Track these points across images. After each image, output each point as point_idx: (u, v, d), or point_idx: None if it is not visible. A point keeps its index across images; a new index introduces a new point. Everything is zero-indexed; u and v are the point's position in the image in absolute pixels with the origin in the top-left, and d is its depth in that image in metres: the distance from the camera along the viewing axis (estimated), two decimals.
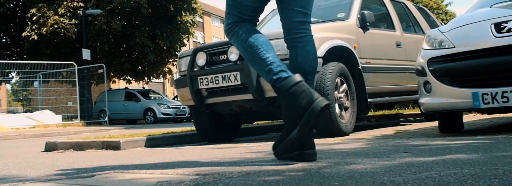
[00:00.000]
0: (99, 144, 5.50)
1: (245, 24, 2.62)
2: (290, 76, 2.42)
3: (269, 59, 2.48)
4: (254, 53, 2.54)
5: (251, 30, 2.60)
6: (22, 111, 27.34)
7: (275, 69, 2.45)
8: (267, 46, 2.54)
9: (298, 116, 2.37)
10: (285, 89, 2.41)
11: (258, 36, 2.57)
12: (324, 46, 5.09)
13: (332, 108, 4.89)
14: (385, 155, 2.40)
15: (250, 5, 2.62)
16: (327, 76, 4.93)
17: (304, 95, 2.35)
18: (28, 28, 20.31)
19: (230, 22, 2.65)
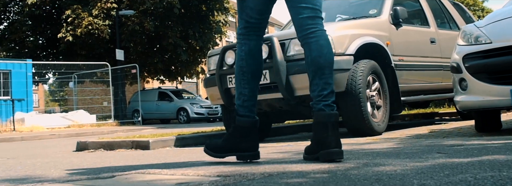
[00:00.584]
0: (128, 144, 5.49)
1: (252, 42, 2.74)
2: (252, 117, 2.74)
3: (245, 91, 2.76)
4: (239, 76, 2.77)
5: (252, 54, 2.74)
6: (59, 111, 27.84)
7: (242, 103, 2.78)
8: (253, 76, 2.74)
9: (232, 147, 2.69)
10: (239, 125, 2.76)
11: (252, 64, 2.73)
12: (355, 43, 4.96)
13: (363, 107, 4.76)
14: (417, 156, 2.28)
15: (255, 8, 2.70)
16: (358, 74, 4.80)
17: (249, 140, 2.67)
18: (63, 29, 20.62)
19: (241, 28, 2.78)
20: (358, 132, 4.88)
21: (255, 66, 2.74)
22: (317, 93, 2.57)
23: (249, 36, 2.75)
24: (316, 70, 2.58)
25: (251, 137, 2.67)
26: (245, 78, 2.73)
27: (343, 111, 4.86)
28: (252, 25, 2.75)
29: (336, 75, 4.67)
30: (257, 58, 2.75)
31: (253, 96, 2.76)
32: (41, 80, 24.62)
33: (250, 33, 2.76)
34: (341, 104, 4.84)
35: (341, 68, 4.72)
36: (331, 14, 6.88)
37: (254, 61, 2.74)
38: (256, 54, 2.75)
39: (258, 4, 2.70)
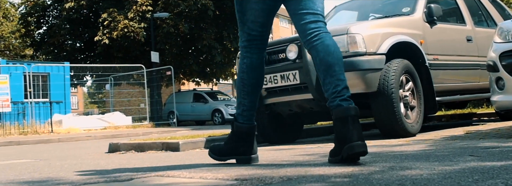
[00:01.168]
0: (159, 146, 5.48)
1: (253, 55, 2.84)
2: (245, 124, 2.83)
3: (244, 102, 2.84)
4: (239, 88, 2.87)
5: (253, 67, 2.84)
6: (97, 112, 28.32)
7: (241, 112, 2.84)
8: (253, 88, 2.84)
9: (231, 152, 2.83)
10: (236, 130, 2.84)
11: (252, 77, 2.83)
12: (387, 42, 4.82)
13: (396, 107, 4.62)
14: (447, 159, 2.17)
15: (256, 21, 2.78)
16: (390, 74, 4.67)
17: (246, 144, 2.77)
18: (99, 32, 20.95)
19: (243, 41, 2.87)
20: (390, 133, 4.75)
21: (255, 80, 2.84)
22: (332, 91, 2.55)
23: (251, 49, 2.84)
24: (326, 69, 2.57)
25: (249, 142, 2.80)
26: (246, 90, 2.83)
27: (375, 111, 4.73)
28: (254, 38, 2.82)
29: (367, 75, 4.56)
30: (258, 71, 2.85)
31: (252, 106, 2.86)
32: (79, 82, 25.08)
33: (252, 46, 2.84)
34: (373, 104, 4.73)
35: (373, 68, 4.60)
36: (364, 13, 6.76)
37: (255, 74, 2.84)
38: (258, 68, 2.85)
39: (259, 16, 2.76)
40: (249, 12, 2.78)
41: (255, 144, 2.85)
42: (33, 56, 26.83)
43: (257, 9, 2.76)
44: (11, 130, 13.62)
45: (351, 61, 4.56)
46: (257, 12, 2.76)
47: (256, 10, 2.76)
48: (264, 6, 2.76)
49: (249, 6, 2.77)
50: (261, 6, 2.75)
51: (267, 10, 2.78)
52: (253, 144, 2.82)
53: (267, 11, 2.79)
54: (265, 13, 2.78)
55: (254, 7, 2.75)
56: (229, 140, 2.90)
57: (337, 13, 7.06)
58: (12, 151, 8.12)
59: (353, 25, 4.77)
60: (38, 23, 25.30)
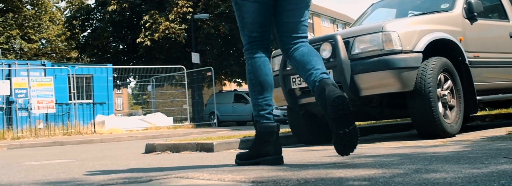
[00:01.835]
0: (194, 146, 5.48)
1: (257, 55, 2.90)
2: (266, 124, 2.83)
3: (257, 101, 2.87)
4: (250, 89, 2.91)
5: (257, 66, 2.88)
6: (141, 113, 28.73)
7: (257, 112, 2.86)
8: (262, 87, 2.86)
9: (255, 154, 2.84)
10: (258, 131, 2.84)
11: (259, 75, 2.86)
12: (424, 39, 4.66)
13: (434, 107, 4.46)
14: (479, 161, 2.05)
15: (255, 21, 2.87)
16: (428, 73, 4.51)
17: (268, 144, 2.79)
18: (141, 34, 21.25)
19: (245, 44, 2.95)
20: (428, 134, 4.59)
21: (263, 78, 2.87)
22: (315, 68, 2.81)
23: (253, 50, 2.91)
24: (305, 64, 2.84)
25: (271, 142, 2.79)
26: (256, 89, 2.87)
27: (411, 111, 4.59)
28: (255, 39, 2.91)
29: (403, 74, 4.42)
30: (264, 70, 2.88)
31: (267, 104, 2.88)
32: (122, 84, 25.52)
33: (254, 47, 2.91)
34: (409, 104, 4.59)
35: (409, 66, 4.46)
36: (403, 10, 6.59)
37: (261, 73, 2.87)
38: (262, 67, 2.89)
39: (257, 17, 2.86)
40: (247, 14, 2.87)
41: (278, 144, 2.83)
42: (78, 59, 27.47)
43: (254, 11, 2.85)
44: (56, 131, 13.93)
45: (386, 59, 4.43)
46: (254, 13, 2.86)
47: (254, 12, 2.85)
48: (261, 6, 2.85)
49: (246, 9, 2.86)
50: (258, 7, 2.84)
51: (264, 10, 2.86)
52: (276, 144, 2.81)
53: (264, 11, 2.87)
54: (262, 13, 2.86)
55: (252, 9, 2.85)
56: (253, 144, 2.91)
57: (374, 11, 6.91)
58: (55, 151, 8.29)
59: (388, 23, 4.64)
60: (83, 26, 25.90)
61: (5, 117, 15.09)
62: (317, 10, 56.37)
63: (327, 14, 58.82)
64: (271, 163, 2.73)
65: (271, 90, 2.93)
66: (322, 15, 57.43)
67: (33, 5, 27.28)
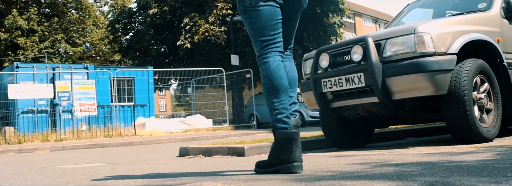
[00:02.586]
0: (225, 150, 5.47)
1: (270, 57, 2.88)
2: (286, 128, 2.77)
3: (274, 105, 2.83)
4: (266, 93, 2.89)
5: (272, 69, 2.85)
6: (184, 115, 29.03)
7: (275, 116, 2.81)
8: (277, 91, 2.83)
9: (274, 161, 2.77)
10: (277, 137, 2.79)
11: (274, 77, 2.83)
12: (458, 41, 4.51)
13: (469, 111, 4.31)
14: (501, 174, 1.94)
15: (267, 26, 2.89)
16: (462, 75, 4.36)
17: (287, 151, 2.70)
18: (181, 37, 21.46)
19: (258, 50, 2.94)
20: (463, 138, 4.45)
21: (278, 81, 2.83)
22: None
23: (267, 54, 2.90)
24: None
25: (289, 148, 2.72)
26: (272, 93, 2.84)
27: (445, 115, 4.44)
28: (268, 43, 2.90)
29: (437, 77, 4.29)
30: (278, 73, 2.85)
31: (284, 108, 2.82)
32: (164, 86, 25.80)
33: (267, 51, 2.90)
34: (443, 108, 4.44)
35: (442, 69, 4.31)
36: (441, 10, 6.41)
37: (276, 76, 2.84)
38: (277, 70, 2.86)
39: (266, 21, 2.88)
40: (257, 19, 2.90)
41: (298, 150, 2.74)
42: (120, 62, 27.96)
43: (265, 15, 2.88)
44: (97, 133, 14.19)
45: (419, 62, 4.30)
46: (265, 17, 2.88)
47: (264, 16, 2.88)
48: (270, 9, 2.89)
49: (256, 15, 2.89)
50: (268, 10, 2.88)
51: (274, 13, 2.90)
52: (295, 150, 2.72)
53: (274, 14, 2.90)
54: (272, 16, 2.89)
55: (261, 13, 2.88)
56: (272, 151, 2.85)
57: (410, 11, 6.75)
58: (94, 154, 8.44)
59: (421, 24, 4.51)
60: (125, 29, 26.35)
61: (50, 119, 15.47)
62: (359, 10, 55.79)
63: (369, 13, 58.13)
64: (290, 171, 2.67)
65: (287, 94, 2.89)
66: (364, 15, 56.79)
67: (78, 9, 27.93)
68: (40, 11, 25.43)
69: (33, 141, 13.12)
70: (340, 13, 25.35)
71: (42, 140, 13.19)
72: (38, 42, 24.05)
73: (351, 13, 49.13)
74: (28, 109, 15.29)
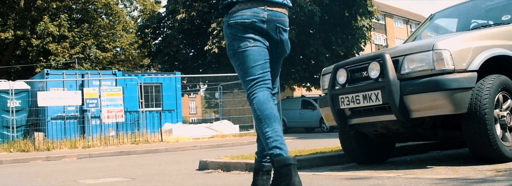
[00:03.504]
0: (243, 166, 5.44)
1: (258, 91, 3.01)
2: (282, 156, 2.79)
3: (268, 134, 2.87)
4: (258, 126, 2.95)
5: (261, 101, 2.97)
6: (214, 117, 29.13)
7: (270, 144, 2.84)
8: (269, 119, 2.91)
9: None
10: (275, 166, 2.79)
11: (264, 108, 2.94)
12: (479, 57, 4.36)
13: (490, 130, 4.17)
14: None
15: (256, 65, 3.05)
16: (483, 93, 4.22)
17: (286, 178, 2.71)
18: (209, 42, 21.53)
19: (248, 87, 3.05)
20: (484, 159, 4.30)
21: (268, 111, 2.93)
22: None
23: (255, 90, 3.02)
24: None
25: (290, 175, 2.74)
26: (264, 123, 2.91)
27: (465, 134, 4.31)
28: (257, 81, 3.03)
29: (456, 95, 4.16)
30: (268, 104, 2.97)
31: (278, 135, 2.88)
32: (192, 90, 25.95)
33: (256, 88, 3.02)
34: (463, 126, 4.31)
35: (462, 87, 4.18)
36: (466, 20, 6.24)
37: (266, 107, 2.95)
38: (267, 101, 2.98)
39: (255, 61, 3.03)
40: (247, 59, 3.03)
41: (296, 175, 2.76)
42: (149, 66, 28.22)
43: (254, 54, 3.03)
44: (125, 139, 14.33)
45: (437, 80, 4.18)
46: (254, 57, 3.03)
47: (253, 55, 3.03)
48: (259, 49, 3.05)
49: (245, 55, 3.04)
50: (256, 50, 3.04)
51: (262, 53, 3.07)
52: (294, 175, 2.74)
53: (262, 54, 3.07)
54: (261, 56, 3.05)
55: (250, 53, 3.03)
56: (272, 180, 2.87)
57: (434, 21, 6.60)
58: (117, 164, 8.51)
59: (439, 40, 4.38)
60: (154, 34, 26.59)
61: (78, 126, 15.69)
62: (390, 11, 55.18)
63: (400, 14, 57.43)
64: None
65: (279, 123, 2.96)
66: (394, 16, 56.13)
67: (108, 15, 28.31)
68: (71, 17, 25.84)
69: (62, 147, 13.32)
70: (369, 15, 25.06)
71: (70, 147, 13.37)
72: (69, 48, 24.45)
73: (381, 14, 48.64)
74: (58, 115, 15.53)
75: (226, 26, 3.16)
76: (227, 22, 3.13)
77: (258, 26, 3.08)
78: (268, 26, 3.11)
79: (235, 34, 3.09)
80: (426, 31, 6.48)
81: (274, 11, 3.13)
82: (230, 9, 3.13)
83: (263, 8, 3.10)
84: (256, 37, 3.07)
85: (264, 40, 3.10)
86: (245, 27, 3.07)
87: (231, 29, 3.10)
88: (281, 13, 3.17)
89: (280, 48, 3.22)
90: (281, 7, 3.18)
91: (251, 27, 3.07)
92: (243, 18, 3.06)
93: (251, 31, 3.07)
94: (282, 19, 3.19)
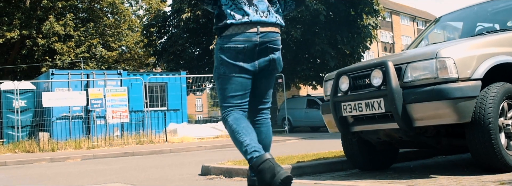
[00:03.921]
0: (245, 172, 5.38)
1: (234, 112, 3.25)
2: (260, 155, 2.96)
3: (246, 142, 3.06)
4: (236, 137, 3.12)
5: (237, 118, 3.21)
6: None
7: (249, 150, 3.03)
8: (246, 130, 3.12)
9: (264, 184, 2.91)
10: (256, 167, 2.95)
11: (240, 122, 3.17)
12: (484, 65, 4.29)
13: (494, 139, 4.11)
14: None
15: (236, 95, 3.28)
16: (488, 102, 4.15)
17: (269, 170, 2.87)
18: (214, 41, 21.46)
19: (222, 112, 3.30)
20: (489, 168, 4.24)
21: (244, 124, 3.17)
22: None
23: (231, 113, 3.28)
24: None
25: (271, 166, 2.90)
26: (241, 133, 3.12)
27: (469, 144, 4.25)
28: (234, 107, 3.30)
29: (460, 104, 4.10)
30: (242, 120, 3.22)
31: (254, 141, 3.08)
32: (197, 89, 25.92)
33: (232, 112, 3.28)
34: (467, 136, 4.25)
35: (466, 96, 4.11)
36: (471, 23, 6.17)
37: (241, 122, 3.19)
38: (241, 119, 3.22)
39: (236, 91, 3.28)
40: (228, 87, 3.27)
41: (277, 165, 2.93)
42: (155, 65, 28.20)
43: (237, 84, 3.26)
44: (129, 140, 14.32)
45: (441, 89, 4.11)
46: (237, 86, 3.26)
47: (236, 85, 3.26)
48: (243, 80, 3.27)
49: (228, 82, 3.27)
50: (240, 81, 3.26)
51: (245, 84, 3.29)
52: (275, 166, 2.91)
53: (245, 86, 3.29)
54: (243, 87, 3.28)
55: (234, 83, 3.26)
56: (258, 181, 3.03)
57: (439, 24, 6.52)
58: (120, 166, 8.51)
59: (443, 48, 4.31)
60: (160, 33, 26.55)
61: (84, 126, 15.69)
62: (396, 8, 54.91)
63: (406, 12, 57.12)
64: (281, 180, 2.85)
65: (253, 132, 3.17)
66: (401, 13, 55.83)
67: (113, 14, 28.29)
68: (76, 16, 25.83)
69: (66, 148, 13.33)
70: (375, 14, 24.89)
71: (74, 148, 13.38)
72: (74, 47, 24.44)
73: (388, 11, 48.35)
74: (63, 115, 15.54)
75: (218, 49, 3.28)
76: (220, 45, 3.26)
77: (250, 51, 3.23)
78: (260, 48, 3.25)
79: (225, 60, 3.25)
80: (432, 35, 6.40)
81: (267, 32, 3.27)
82: (223, 31, 3.25)
83: (255, 31, 3.23)
84: (244, 66, 3.24)
85: (252, 66, 3.26)
86: (237, 53, 3.22)
87: (224, 53, 3.25)
88: (273, 33, 3.30)
89: (272, 66, 3.35)
90: (273, 26, 3.32)
91: (243, 52, 3.22)
92: (236, 44, 3.21)
93: (241, 57, 3.23)
94: (274, 39, 3.31)
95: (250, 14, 3.25)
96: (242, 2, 3.27)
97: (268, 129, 3.44)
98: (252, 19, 3.25)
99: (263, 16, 3.29)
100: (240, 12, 3.25)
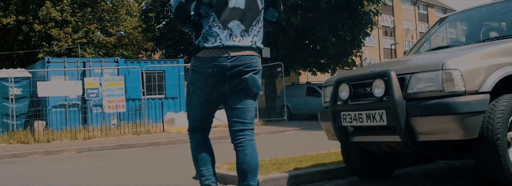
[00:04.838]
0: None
1: (198, 134, 3.52)
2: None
3: (202, 172, 3.39)
4: (195, 164, 3.43)
5: (199, 143, 3.50)
6: None
7: (203, 181, 3.38)
8: (205, 160, 3.42)
9: None
10: None
11: (201, 150, 3.45)
12: (492, 77, 4.04)
13: (503, 156, 3.89)
14: None
15: (199, 116, 3.49)
16: (496, 116, 3.91)
17: None
18: None
19: (189, 127, 3.58)
20: (495, 184, 4.03)
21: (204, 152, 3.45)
22: None
23: (194, 134, 3.54)
24: (240, 174, 3.36)
25: None
26: (200, 163, 3.40)
27: (476, 160, 4.04)
28: (196, 128, 3.54)
29: (466, 120, 3.86)
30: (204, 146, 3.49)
31: (210, 175, 3.41)
32: None
33: (195, 132, 3.54)
34: (474, 152, 4.03)
35: (473, 111, 3.87)
36: (477, 23, 5.90)
37: (202, 149, 3.46)
38: (203, 143, 3.49)
39: (201, 112, 3.48)
40: (194, 107, 3.47)
41: None
42: (153, 50, 27.90)
43: (201, 106, 3.42)
44: (126, 130, 14.12)
45: (447, 103, 3.87)
46: (200, 109, 3.44)
47: (200, 107, 3.43)
48: (208, 103, 3.40)
49: (195, 102, 3.43)
50: (206, 103, 3.39)
51: (209, 109, 3.47)
52: None
53: (208, 110, 3.48)
54: (207, 110, 3.47)
55: (199, 104, 3.42)
56: None
57: (444, 25, 6.26)
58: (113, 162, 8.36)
59: (449, 59, 4.06)
60: (158, 18, 26.19)
61: (81, 115, 15.49)
62: None
63: None
64: None
65: (213, 163, 3.45)
66: None
67: None
68: (73, 1, 25.39)
69: (62, 139, 13.13)
70: (376, 0, 24.49)
71: (70, 138, 13.18)
72: (71, 33, 24.08)
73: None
74: (60, 103, 15.32)
75: (191, 69, 3.38)
76: (192, 66, 3.34)
77: (220, 75, 3.27)
78: (231, 72, 3.28)
79: (195, 80, 3.36)
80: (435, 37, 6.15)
81: (239, 56, 3.28)
82: (197, 53, 3.31)
83: (226, 56, 3.25)
84: (214, 89, 3.30)
85: (222, 89, 3.31)
86: (207, 76, 3.28)
87: (195, 73, 3.34)
88: (246, 56, 3.30)
89: (244, 87, 3.35)
90: (247, 50, 3.32)
91: (213, 75, 3.27)
92: (206, 68, 3.26)
93: (210, 81, 3.28)
94: (247, 62, 3.31)
95: (223, 39, 3.25)
96: (216, 26, 3.25)
97: (253, 151, 3.36)
98: (224, 44, 3.25)
99: (236, 41, 3.28)
100: (213, 36, 3.24)
